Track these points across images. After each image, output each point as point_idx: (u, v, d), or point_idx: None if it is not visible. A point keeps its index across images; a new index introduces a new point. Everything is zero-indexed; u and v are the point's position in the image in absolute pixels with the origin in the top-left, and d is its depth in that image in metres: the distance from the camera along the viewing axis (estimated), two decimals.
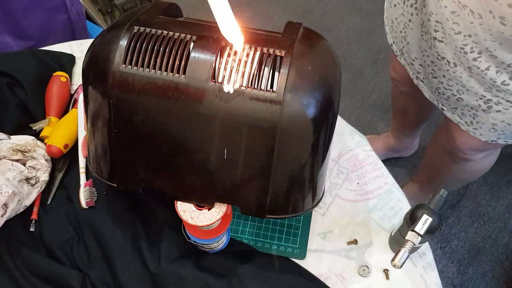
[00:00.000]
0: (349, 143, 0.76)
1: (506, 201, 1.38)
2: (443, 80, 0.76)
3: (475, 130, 0.79)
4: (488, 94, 0.71)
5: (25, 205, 0.67)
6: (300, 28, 0.52)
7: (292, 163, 0.51)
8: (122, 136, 0.51)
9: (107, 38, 0.50)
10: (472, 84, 0.71)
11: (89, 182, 0.69)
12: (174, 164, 0.52)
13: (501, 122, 0.74)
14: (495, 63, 0.65)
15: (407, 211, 0.60)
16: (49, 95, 0.76)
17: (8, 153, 0.66)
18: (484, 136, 0.79)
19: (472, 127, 0.79)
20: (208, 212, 0.54)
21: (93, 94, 0.51)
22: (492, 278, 1.26)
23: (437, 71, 0.76)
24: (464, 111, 0.78)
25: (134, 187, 0.55)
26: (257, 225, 0.68)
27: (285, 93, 0.46)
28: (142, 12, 0.52)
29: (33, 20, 0.98)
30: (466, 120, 0.79)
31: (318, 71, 0.48)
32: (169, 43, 0.48)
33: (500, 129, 0.76)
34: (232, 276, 0.62)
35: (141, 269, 0.62)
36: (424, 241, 0.60)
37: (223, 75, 0.46)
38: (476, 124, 0.78)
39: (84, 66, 0.52)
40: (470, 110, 0.77)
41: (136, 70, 0.47)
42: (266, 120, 0.46)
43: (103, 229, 0.65)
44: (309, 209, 0.57)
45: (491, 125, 0.76)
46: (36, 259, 0.63)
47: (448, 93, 0.78)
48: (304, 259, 0.66)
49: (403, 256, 0.54)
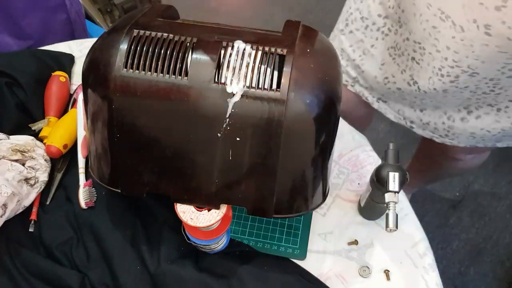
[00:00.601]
0: (349, 143, 0.75)
1: (507, 202, 1.38)
2: (415, 100, 0.73)
3: (452, 140, 0.78)
4: (467, 102, 0.68)
5: (24, 205, 0.66)
6: (300, 26, 0.52)
7: (297, 162, 0.51)
8: (125, 141, 0.51)
9: (106, 42, 0.50)
10: (449, 100, 0.69)
11: (88, 183, 0.69)
12: (179, 167, 0.51)
13: (480, 130, 0.73)
14: (475, 81, 0.62)
15: (370, 177, 0.60)
16: (48, 95, 0.76)
17: (7, 153, 0.65)
18: (462, 143, 0.78)
19: (448, 139, 0.78)
20: (208, 213, 0.53)
21: (94, 99, 0.51)
22: (493, 278, 1.26)
23: (407, 95, 0.73)
24: (437, 125, 0.76)
25: (138, 191, 0.54)
26: (257, 225, 0.68)
27: (289, 92, 0.46)
28: (140, 15, 0.52)
29: (32, 20, 0.98)
30: (440, 134, 0.78)
31: (321, 69, 0.48)
32: (170, 45, 0.47)
33: (479, 136, 0.74)
34: (232, 276, 0.62)
35: (141, 269, 0.62)
36: None
37: (225, 76, 0.46)
38: (452, 135, 0.76)
39: (84, 70, 0.52)
40: (444, 122, 0.74)
41: (137, 73, 0.47)
42: (271, 119, 0.46)
43: (102, 229, 0.65)
44: (313, 208, 0.57)
45: (469, 133, 0.74)
46: (35, 259, 0.63)
47: (417, 112, 0.75)
48: (304, 260, 0.65)
49: (394, 218, 0.55)
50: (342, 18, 0.80)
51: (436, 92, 0.67)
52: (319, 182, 0.56)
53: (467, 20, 0.55)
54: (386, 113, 0.83)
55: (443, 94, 0.67)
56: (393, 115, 0.82)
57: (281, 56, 0.47)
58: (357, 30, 0.76)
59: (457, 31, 0.57)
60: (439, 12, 0.58)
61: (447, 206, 1.39)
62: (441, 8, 0.57)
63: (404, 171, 0.57)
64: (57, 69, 0.80)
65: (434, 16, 0.59)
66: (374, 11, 0.72)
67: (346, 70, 0.83)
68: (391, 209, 0.55)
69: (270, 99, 0.46)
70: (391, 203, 0.56)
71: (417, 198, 1.40)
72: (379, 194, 0.60)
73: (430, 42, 0.62)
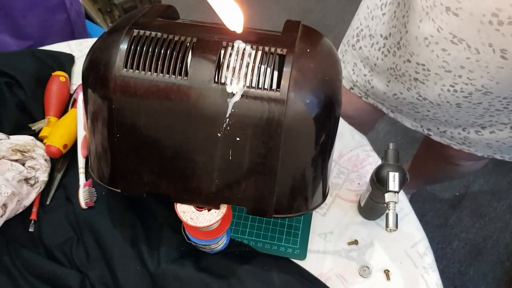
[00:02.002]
0: (349, 143, 0.75)
1: (507, 202, 1.38)
2: (428, 113, 0.73)
3: (469, 148, 0.78)
4: (480, 120, 0.68)
5: (24, 205, 0.66)
6: (300, 26, 0.52)
7: (297, 162, 0.51)
8: (125, 141, 0.51)
9: (106, 42, 0.50)
10: (462, 114, 0.68)
11: (88, 182, 0.69)
12: (179, 167, 0.51)
13: (496, 142, 0.72)
14: (488, 99, 0.62)
15: (370, 177, 0.60)
16: (48, 95, 0.76)
17: (7, 153, 0.65)
18: (479, 152, 0.78)
19: (465, 146, 0.78)
20: (208, 213, 0.53)
21: (94, 99, 0.51)
22: (493, 278, 1.26)
23: (420, 108, 0.73)
24: (453, 135, 0.76)
25: (139, 191, 0.54)
26: (257, 225, 0.68)
27: (289, 92, 0.46)
28: (140, 15, 0.52)
29: (32, 20, 0.98)
30: (457, 141, 0.77)
31: (321, 69, 0.48)
32: (170, 45, 0.47)
33: (495, 146, 0.74)
34: (232, 276, 0.62)
35: (141, 269, 0.62)
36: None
37: (225, 75, 0.46)
38: (469, 143, 0.76)
39: (84, 70, 0.52)
40: (460, 133, 0.74)
41: (137, 73, 0.47)
42: (271, 119, 0.46)
43: (102, 229, 0.65)
44: (313, 208, 0.57)
45: (485, 144, 0.74)
46: (35, 259, 0.63)
47: (434, 122, 0.75)
48: (304, 260, 0.65)
49: (394, 218, 0.55)
50: (353, 33, 0.80)
51: (449, 105, 0.66)
52: (319, 182, 0.56)
53: (483, 44, 0.54)
54: (402, 121, 0.83)
55: (456, 108, 0.66)
56: (410, 123, 0.82)
57: (281, 56, 0.47)
58: (365, 47, 0.76)
59: (472, 53, 0.56)
60: (450, 36, 0.57)
61: (447, 206, 1.39)
62: (453, 32, 0.56)
63: (404, 171, 0.58)
64: (57, 69, 0.80)
65: (445, 39, 0.58)
66: (379, 31, 0.72)
67: (357, 85, 0.82)
68: (391, 209, 0.55)
69: (270, 99, 0.46)
70: (391, 203, 0.56)
71: (417, 198, 1.40)
72: (379, 194, 0.60)
73: (437, 64, 0.61)
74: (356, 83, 0.82)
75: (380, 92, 0.77)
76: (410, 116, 0.79)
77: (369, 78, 0.78)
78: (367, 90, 0.81)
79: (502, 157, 0.78)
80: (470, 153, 0.79)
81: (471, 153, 0.79)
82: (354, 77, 0.82)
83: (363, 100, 0.84)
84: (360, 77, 0.80)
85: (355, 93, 0.84)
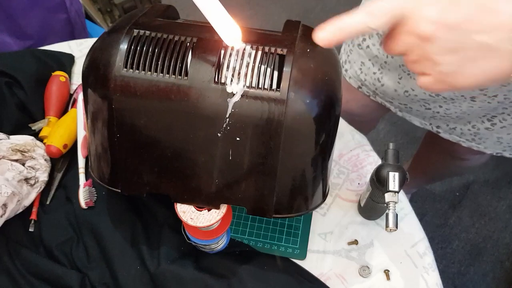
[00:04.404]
0: (349, 143, 0.75)
1: (507, 201, 1.38)
2: (440, 110, 0.72)
3: (479, 145, 0.77)
4: (493, 112, 0.68)
5: (24, 205, 0.66)
6: (300, 26, 0.52)
7: (297, 162, 0.51)
8: (125, 141, 0.51)
9: (106, 42, 0.50)
10: (475, 109, 0.68)
11: (88, 182, 0.69)
12: (179, 167, 0.51)
13: (507, 135, 0.72)
14: (505, 91, 0.61)
15: (370, 177, 0.60)
16: (48, 94, 0.76)
17: (7, 153, 0.65)
18: (489, 149, 0.77)
19: (475, 143, 0.77)
20: (208, 213, 0.53)
21: (94, 99, 0.50)
22: (493, 278, 1.26)
23: (431, 104, 0.72)
24: (463, 131, 0.76)
25: (139, 191, 0.54)
26: (257, 225, 0.68)
27: (289, 92, 0.46)
28: (140, 15, 0.52)
29: (32, 20, 0.98)
30: (466, 138, 0.77)
31: (321, 69, 0.48)
32: (170, 45, 0.47)
33: (506, 142, 0.74)
34: (232, 276, 0.62)
35: (141, 269, 0.62)
36: None
37: (225, 75, 0.46)
38: (479, 140, 0.76)
39: (84, 70, 0.52)
40: (470, 129, 0.74)
41: (137, 73, 0.47)
42: (271, 119, 0.46)
43: (102, 229, 0.65)
44: (313, 208, 0.57)
45: (496, 139, 0.74)
46: (35, 259, 0.63)
47: (444, 119, 0.75)
48: (304, 260, 0.65)
49: (394, 218, 0.55)
50: None
51: (463, 99, 0.66)
52: (319, 182, 0.56)
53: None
54: (411, 120, 0.82)
55: (470, 102, 0.66)
56: (419, 122, 0.82)
57: (281, 56, 0.47)
58: (373, 45, 0.76)
59: None
60: None
61: (447, 206, 1.39)
62: None
63: (404, 171, 0.58)
64: (57, 69, 0.80)
65: None
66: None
67: (365, 83, 0.82)
68: (391, 209, 0.55)
69: (270, 99, 0.46)
70: (391, 203, 0.56)
71: (417, 198, 1.40)
72: (379, 194, 0.60)
73: None
74: (364, 82, 0.82)
75: (390, 90, 0.77)
76: (419, 115, 0.79)
77: (379, 76, 0.78)
78: (376, 88, 0.81)
79: (511, 155, 0.78)
80: (478, 150, 0.79)
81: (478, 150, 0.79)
82: (362, 76, 0.82)
83: (371, 99, 0.84)
84: (369, 76, 0.80)
85: (363, 92, 0.84)
